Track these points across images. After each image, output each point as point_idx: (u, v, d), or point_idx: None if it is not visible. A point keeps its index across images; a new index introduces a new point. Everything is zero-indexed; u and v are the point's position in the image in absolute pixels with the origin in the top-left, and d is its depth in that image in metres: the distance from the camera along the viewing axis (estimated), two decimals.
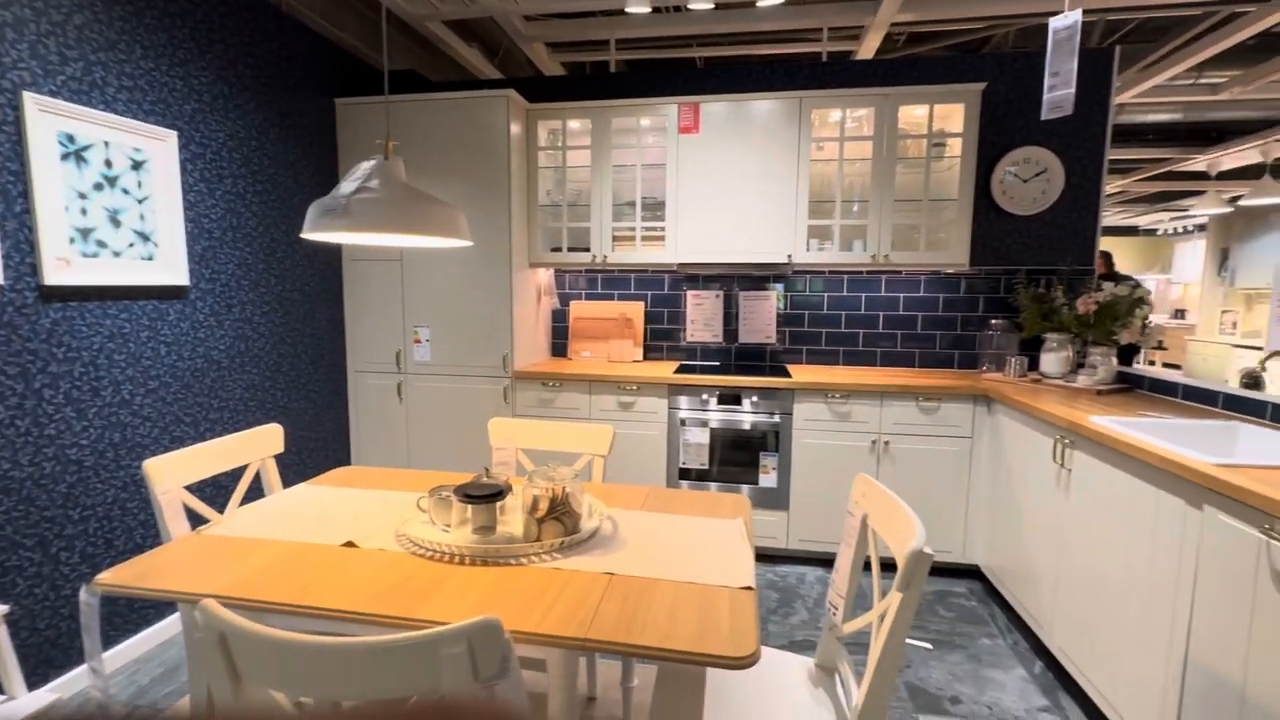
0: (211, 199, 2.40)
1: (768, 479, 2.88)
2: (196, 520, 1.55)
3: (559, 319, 3.59)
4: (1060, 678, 2.08)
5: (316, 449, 3.02)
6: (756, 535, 2.90)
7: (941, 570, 2.83)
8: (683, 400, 2.92)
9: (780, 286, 3.35)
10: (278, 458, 2.85)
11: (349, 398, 3.21)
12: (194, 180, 2.33)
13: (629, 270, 3.47)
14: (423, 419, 3.13)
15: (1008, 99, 3.04)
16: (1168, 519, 1.54)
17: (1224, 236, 6.54)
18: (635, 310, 3.46)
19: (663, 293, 3.47)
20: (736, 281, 3.38)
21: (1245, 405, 2.03)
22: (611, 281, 3.52)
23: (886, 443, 2.75)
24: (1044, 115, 1.90)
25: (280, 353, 2.77)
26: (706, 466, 2.91)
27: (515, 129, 2.98)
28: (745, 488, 2.89)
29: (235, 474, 2.48)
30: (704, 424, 2.90)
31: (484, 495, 1.33)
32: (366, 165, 1.30)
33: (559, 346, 3.60)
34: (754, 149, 2.95)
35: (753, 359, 3.41)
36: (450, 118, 2.94)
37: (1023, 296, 2.94)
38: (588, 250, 3.16)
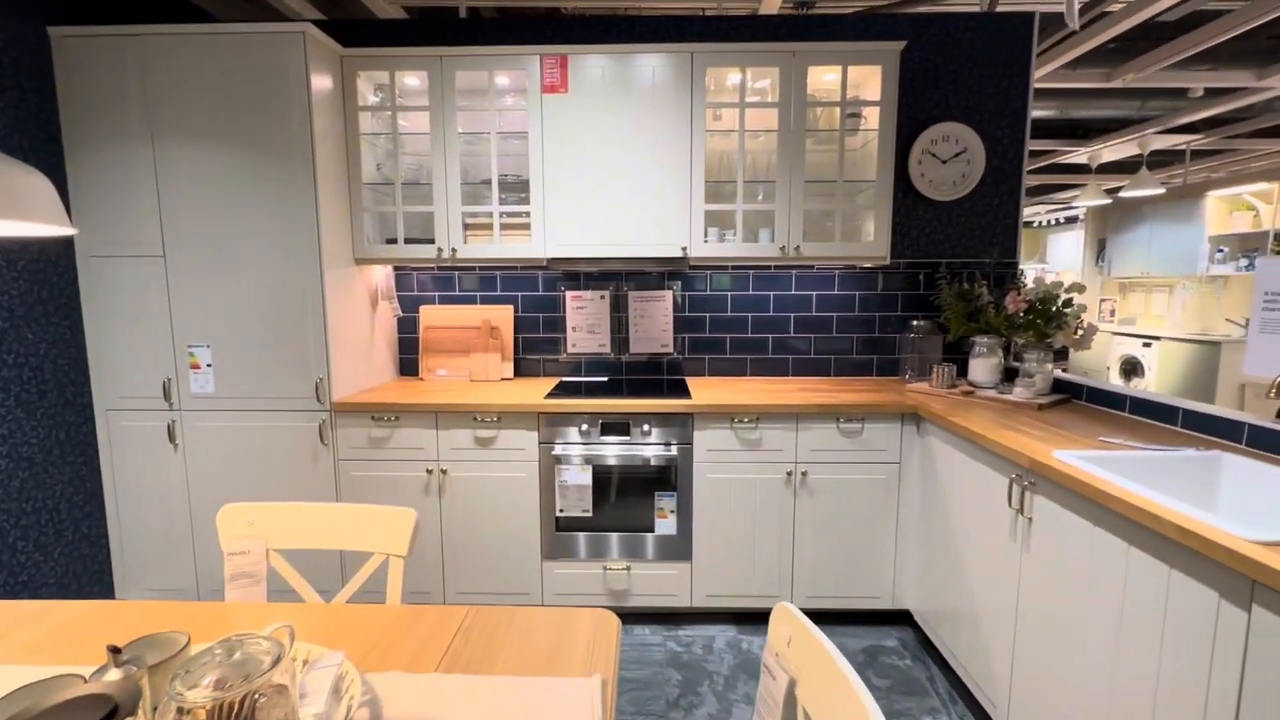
0: None
1: (665, 524, 2.33)
2: None
3: (408, 329, 2.86)
4: None
5: (39, 523, 2.14)
6: (653, 594, 2.36)
7: (869, 618, 2.42)
8: (558, 431, 2.31)
9: (678, 285, 2.81)
10: None
11: (99, 446, 2.34)
12: None
13: (490, 266, 2.80)
14: (209, 471, 2.32)
15: (924, 67, 2.65)
16: (1192, 612, 1.12)
17: (1101, 228, 6.79)
18: (503, 316, 2.80)
19: (536, 294, 2.83)
20: (625, 279, 2.81)
21: (1211, 425, 1.70)
22: (472, 281, 2.83)
23: (804, 473, 2.29)
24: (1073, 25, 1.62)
25: None
26: (590, 514, 2.32)
27: (322, 81, 2.22)
28: (639, 536, 2.34)
29: None
30: (585, 460, 2.31)
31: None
32: None
33: (409, 364, 2.88)
34: (637, 115, 2.37)
35: (647, 373, 2.85)
36: (225, 62, 2.14)
37: (946, 294, 2.57)
38: (432, 242, 2.46)
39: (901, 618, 2.41)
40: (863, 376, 2.82)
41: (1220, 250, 5.37)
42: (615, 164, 2.39)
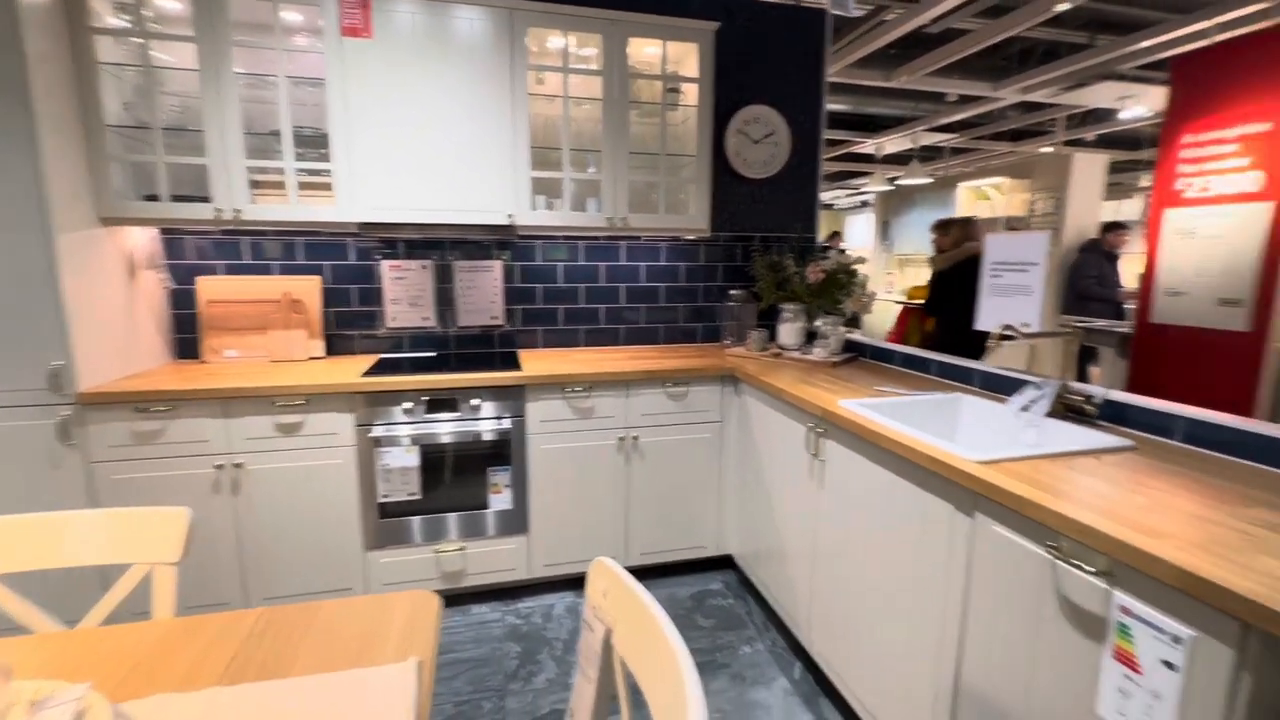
0: None
1: (500, 499, 2.29)
2: None
3: (185, 304, 2.43)
4: (821, 683, 1.94)
5: None
6: (491, 570, 2.32)
7: (698, 565, 2.60)
8: (379, 411, 2.13)
9: (508, 254, 2.72)
10: None
11: None
12: None
13: (288, 231, 2.48)
14: None
15: (738, 50, 2.82)
16: (934, 523, 1.36)
17: (885, 211, 7.87)
18: (307, 288, 2.50)
19: (348, 263, 2.57)
20: (450, 248, 2.65)
21: (955, 373, 2.07)
22: (269, 249, 2.48)
23: (635, 438, 2.37)
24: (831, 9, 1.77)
25: None
26: (418, 496, 2.20)
27: None
28: (474, 514, 2.27)
29: None
30: (412, 441, 2.17)
31: None
32: None
33: (188, 344, 2.46)
34: (454, 72, 2.22)
35: (478, 346, 2.74)
36: None
37: (758, 265, 2.80)
38: (207, 201, 2.10)
39: (725, 562, 2.64)
40: (689, 343, 2.99)
41: None
42: (432, 123, 2.23)
